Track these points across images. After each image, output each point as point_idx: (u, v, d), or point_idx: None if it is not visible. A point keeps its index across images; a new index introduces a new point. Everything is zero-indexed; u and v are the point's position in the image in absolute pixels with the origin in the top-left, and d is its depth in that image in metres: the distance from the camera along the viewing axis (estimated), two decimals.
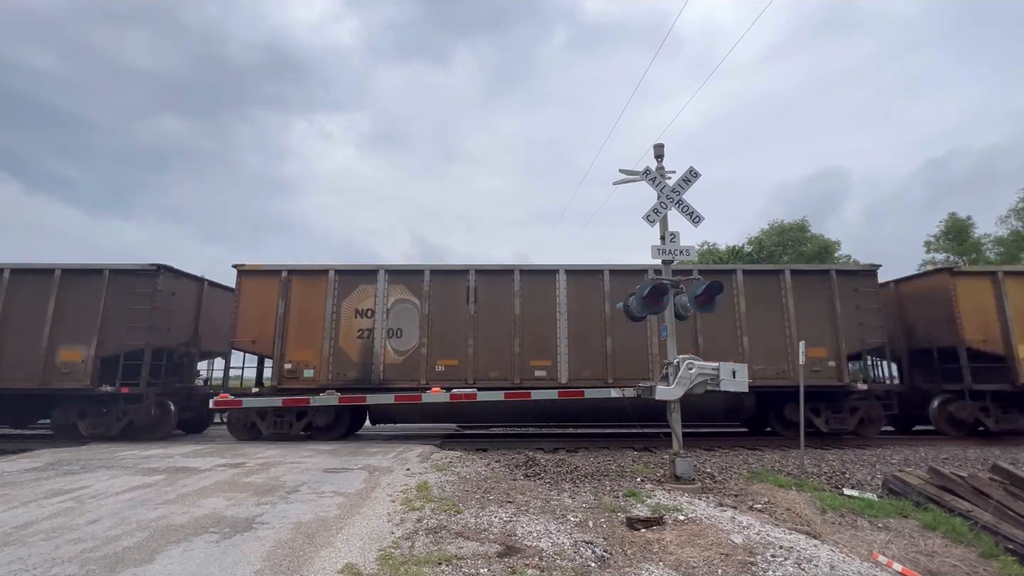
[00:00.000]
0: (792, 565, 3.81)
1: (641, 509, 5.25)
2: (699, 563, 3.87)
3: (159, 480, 6.41)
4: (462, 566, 3.64)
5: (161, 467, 7.30)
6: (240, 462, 7.74)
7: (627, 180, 7.56)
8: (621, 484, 6.49)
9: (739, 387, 6.68)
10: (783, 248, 29.89)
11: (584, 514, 5.06)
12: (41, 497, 5.52)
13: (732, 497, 5.97)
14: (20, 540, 4.10)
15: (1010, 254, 26.03)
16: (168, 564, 3.60)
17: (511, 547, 4.05)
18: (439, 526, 4.53)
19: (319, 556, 3.77)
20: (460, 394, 9.33)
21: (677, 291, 7.07)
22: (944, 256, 28.49)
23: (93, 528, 4.42)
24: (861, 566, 3.92)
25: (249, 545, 3.99)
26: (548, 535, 4.37)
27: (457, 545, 4.07)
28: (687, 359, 6.70)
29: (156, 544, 4.00)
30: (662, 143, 7.59)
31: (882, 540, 4.85)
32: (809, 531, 4.87)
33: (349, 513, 4.94)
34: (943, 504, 5.53)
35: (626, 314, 7.62)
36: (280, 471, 7.01)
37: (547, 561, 3.79)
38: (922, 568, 4.25)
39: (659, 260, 7.25)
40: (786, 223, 31.77)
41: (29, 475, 6.73)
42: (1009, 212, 27.44)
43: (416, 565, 3.61)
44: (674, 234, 7.28)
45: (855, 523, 5.31)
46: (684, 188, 7.27)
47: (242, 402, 9.74)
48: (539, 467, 7.57)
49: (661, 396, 6.69)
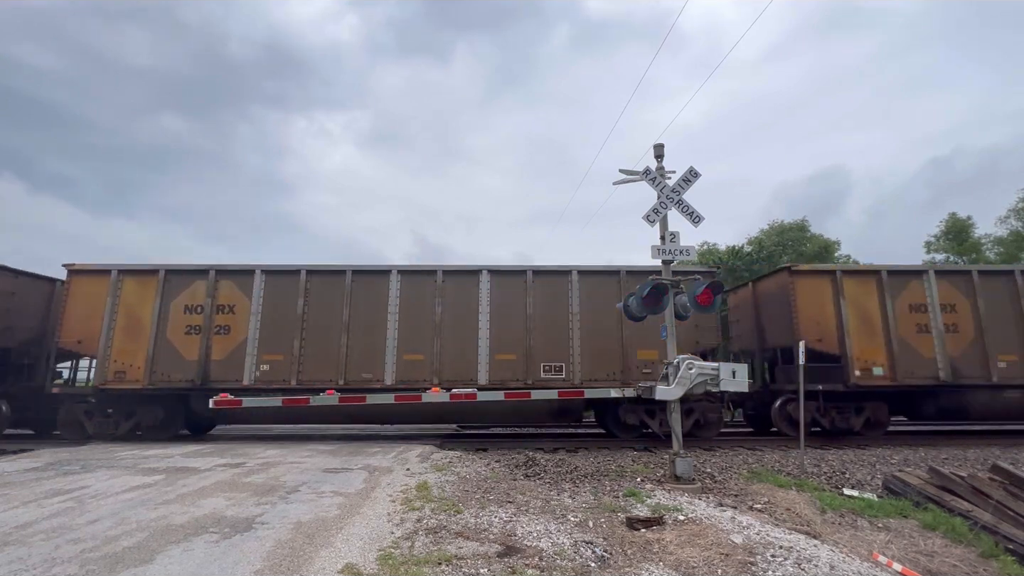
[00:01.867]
0: (792, 565, 3.81)
1: (641, 509, 5.25)
2: (699, 563, 3.87)
3: (159, 480, 6.41)
4: (462, 566, 3.64)
5: (161, 467, 7.30)
6: (240, 462, 7.74)
7: (627, 180, 7.56)
8: (621, 484, 6.49)
9: (739, 387, 6.69)
10: (783, 248, 29.89)
11: (584, 514, 5.06)
12: (41, 497, 5.51)
13: (732, 497, 5.97)
14: (20, 540, 4.10)
15: (1010, 254, 26.04)
16: (168, 564, 3.60)
17: (511, 547, 4.05)
18: (439, 526, 4.53)
19: (319, 556, 3.77)
20: (460, 394, 9.34)
21: (677, 291, 7.08)
22: (944, 256, 28.50)
23: (93, 528, 4.42)
24: (861, 566, 3.92)
25: (249, 545, 3.99)
26: (548, 535, 4.37)
27: (457, 545, 4.07)
28: (687, 359, 6.71)
29: (156, 544, 4.00)
30: (662, 143, 7.60)
31: (882, 540, 4.85)
32: (809, 531, 4.87)
33: (349, 513, 4.94)
34: (943, 504, 5.53)
35: (626, 314, 7.63)
36: (280, 471, 7.01)
37: (547, 561, 3.79)
38: (922, 568, 4.25)
39: (659, 260, 7.25)
40: (786, 223, 31.81)
41: (29, 475, 6.72)
42: (1009, 212, 27.48)
43: (416, 565, 3.61)
44: (674, 234, 7.29)
45: (855, 523, 5.31)
46: (684, 188, 7.28)
47: (242, 402, 9.74)
48: (539, 467, 7.57)
49: (661, 396, 6.70)
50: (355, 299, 10.66)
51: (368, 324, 10.56)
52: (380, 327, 10.55)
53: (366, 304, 10.66)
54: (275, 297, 10.67)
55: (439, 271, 10.89)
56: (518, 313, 10.69)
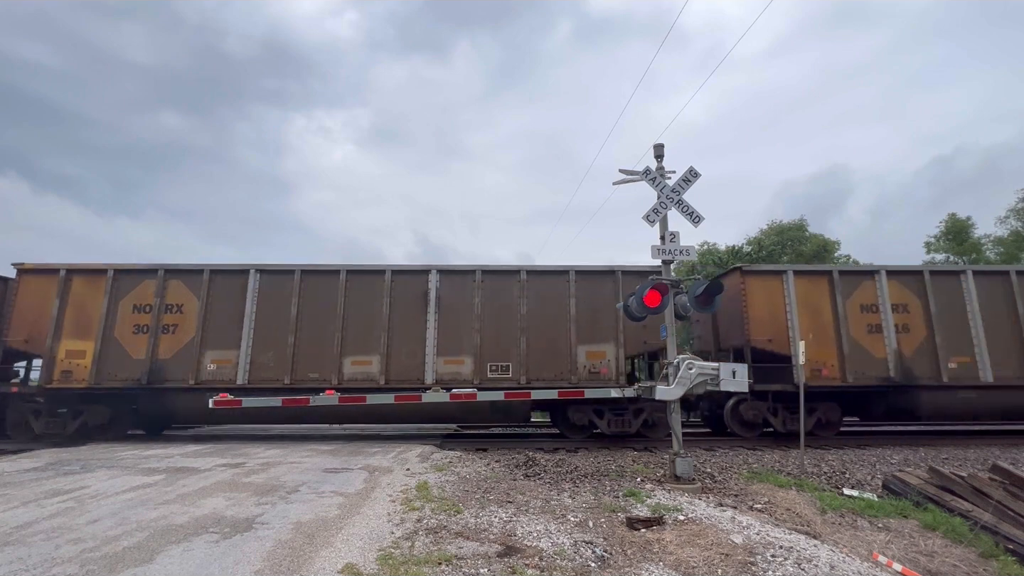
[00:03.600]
0: (792, 565, 3.81)
1: (641, 509, 5.25)
2: (699, 563, 3.87)
3: (159, 480, 6.41)
4: (462, 566, 3.64)
5: (161, 467, 7.30)
6: (240, 462, 7.74)
7: (627, 180, 7.56)
8: (621, 484, 6.49)
9: (739, 387, 6.69)
10: (782, 248, 29.91)
11: (584, 514, 5.06)
12: (41, 497, 5.51)
13: (732, 497, 5.97)
14: (20, 540, 4.10)
15: (1010, 254, 26.04)
16: (168, 564, 3.60)
17: (511, 547, 4.05)
18: (439, 526, 4.53)
19: (319, 556, 3.77)
20: (460, 394, 9.33)
21: (677, 291, 7.08)
22: (944, 256, 28.51)
23: (93, 528, 4.42)
24: (861, 566, 3.92)
25: (249, 545, 3.99)
26: (548, 535, 4.37)
27: (457, 545, 4.07)
28: (687, 359, 6.71)
29: (156, 544, 4.00)
30: (662, 143, 7.61)
31: (882, 540, 4.85)
32: (809, 531, 4.87)
33: (349, 513, 4.94)
34: (943, 504, 5.53)
35: (626, 314, 7.63)
36: (280, 471, 7.01)
37: (547, 561, 3.79)
38: (922, 568, 4.25)
39: (659, 260, 7.25)
40: (785, 223, 31.82)
41: (29, 475, 6.72)
42: (1008, 212, 27.49)
43: (416, 565, 3.61)
44: (674, 234, 7.29)
45: (855, 523, 5.31)
46: (684, 188, 7.28)
47: (241, 402, 9.72)
48: (539, 467, 7.57)
49: (661, 396, 6.70)
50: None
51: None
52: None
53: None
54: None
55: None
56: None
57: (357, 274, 10.85)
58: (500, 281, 10.87)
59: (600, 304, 10.63)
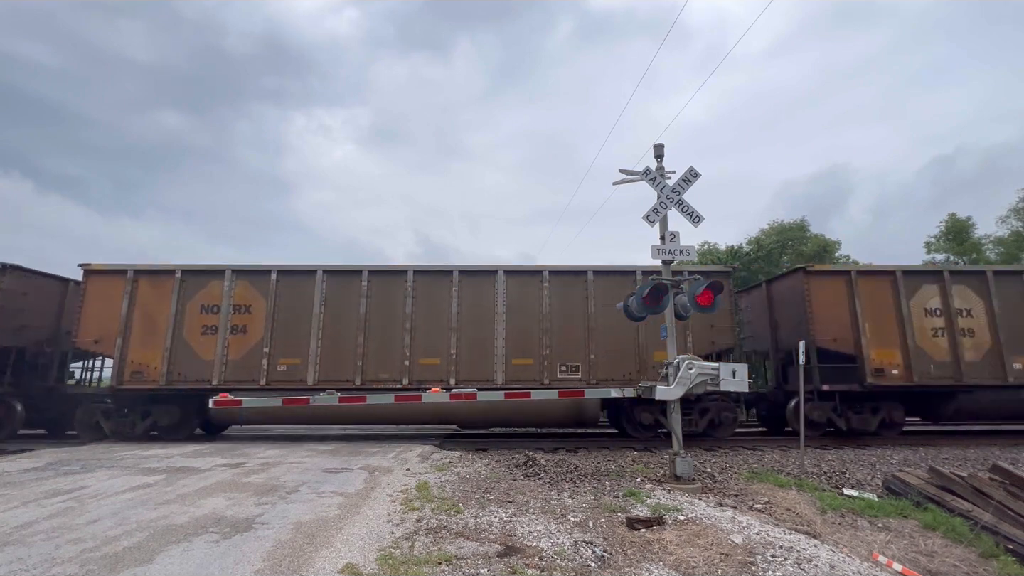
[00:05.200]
0: (792, 565, 3.81)
1: (641, 509, 5.25)
2: (699, 563, 3.87)
3: (159, 480, 6.41)
4: (462, 566, 3.64)
5: (161, 467, 7.30)
6: (240, 462, 7.74)
7: (627, 180, 7.56)
8: (621, 484, 6.49)
9: (739, 387, 6.68)
10: (782, 248, 29.87)
11: (584, 514, 5.06)
12: (41, 497, 5.51)
13: (732, 497, 5.97)
14: (20, 540, 4.10)
15: (1010, 254, 26.01)
16: (168, 564, 3.59)
17: (511, 547, 4.05)
18: (439, 526, 4.53)
19: (319, 556, 3.77)
20: (460, 394, 9.33)
21: (677, 291, 7.08)
22: (944, 256, 28.48)
23: (93, 528, 4.42)
24: (861, 566, 3.92)
25: (249, 545, 3.99)
26: (548, 535, 4.36)
27: (457, 545, 4.07)
28: (687, 359, 6.71)
29: (156, 544, 4.00)
30: (662, 143, 7.61)
31: (882, 540, 4.85)
32: (809, 531, 4.87)
33: (349, 513, 4.94)
34: (943, 504, 5.53)
35: (626, 314, 7.62)
36: (280, 471, 7.01)
37: (547, 561, 3.79)
38: (922, 568, 4.25)
39: (659, 260, 7.25)
40: (785, 223, 31.77)
41: (29, 475, 6.72)
42: (1009, 212, 27.46)
43: (416, 565, 3.61)
44: (674, 234, 7.29)
45: (855, 523, 5.31)
46: (684, 188, 7.28)
47: (241, 401, 9.73)
48: (539, 467, 7.57)
49: (661, 396, 6.70)
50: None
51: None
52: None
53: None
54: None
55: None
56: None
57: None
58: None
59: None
